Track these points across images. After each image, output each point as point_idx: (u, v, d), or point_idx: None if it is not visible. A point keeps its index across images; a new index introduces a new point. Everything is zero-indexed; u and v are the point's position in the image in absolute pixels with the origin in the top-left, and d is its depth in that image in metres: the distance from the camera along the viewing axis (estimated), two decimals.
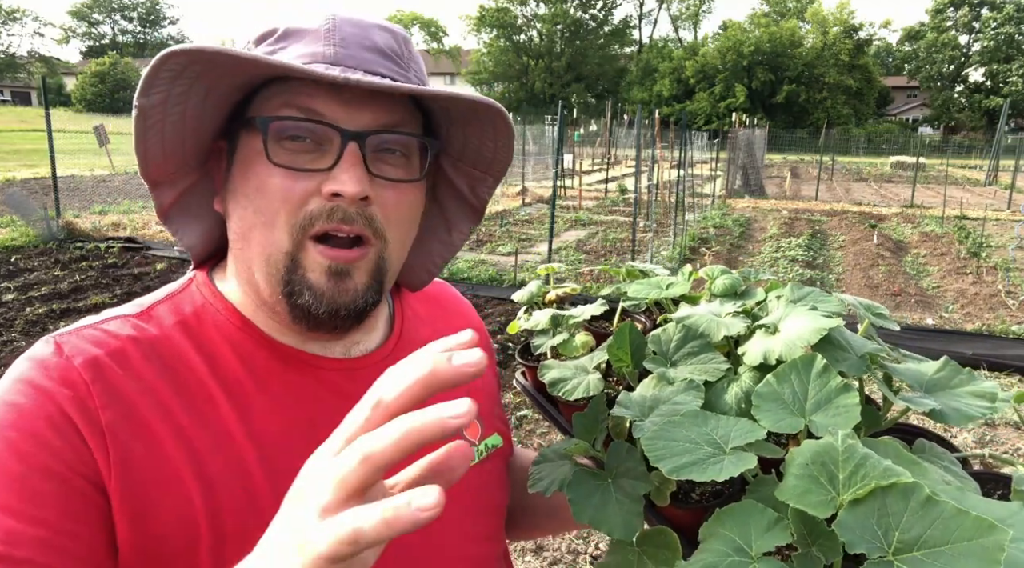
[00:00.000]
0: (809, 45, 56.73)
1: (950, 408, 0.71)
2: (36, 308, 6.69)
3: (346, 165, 0.70)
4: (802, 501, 0.57)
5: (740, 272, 0.99)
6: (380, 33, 0.75)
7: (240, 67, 0.67)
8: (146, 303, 0.78)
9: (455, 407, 0.46)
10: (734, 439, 0.67)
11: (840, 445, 0.59)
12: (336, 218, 0.70)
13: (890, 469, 0.56)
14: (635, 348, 0.85)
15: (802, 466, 0.59)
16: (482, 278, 8.47)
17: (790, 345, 0.73)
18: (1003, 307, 7.92)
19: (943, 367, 0.79)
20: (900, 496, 0.54)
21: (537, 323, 1.02)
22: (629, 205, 15.26)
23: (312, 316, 0.73)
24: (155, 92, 0.66)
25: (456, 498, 0.83)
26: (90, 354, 0.68)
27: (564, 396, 0.86)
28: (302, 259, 0.72)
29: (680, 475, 0.63)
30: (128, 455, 0.65)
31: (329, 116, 0.70)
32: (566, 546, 3.47)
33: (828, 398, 0.67)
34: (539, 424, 4.68)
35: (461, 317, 1.04)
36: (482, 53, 65.07)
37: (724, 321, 0.83)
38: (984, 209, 16.96)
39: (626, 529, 0.71)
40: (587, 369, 0.90)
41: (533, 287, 1.14)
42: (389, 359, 0.85)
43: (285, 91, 0.71)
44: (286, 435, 0.74)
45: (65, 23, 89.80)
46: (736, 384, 0.77)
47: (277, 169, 0.70)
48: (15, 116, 48.43)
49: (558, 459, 0.84)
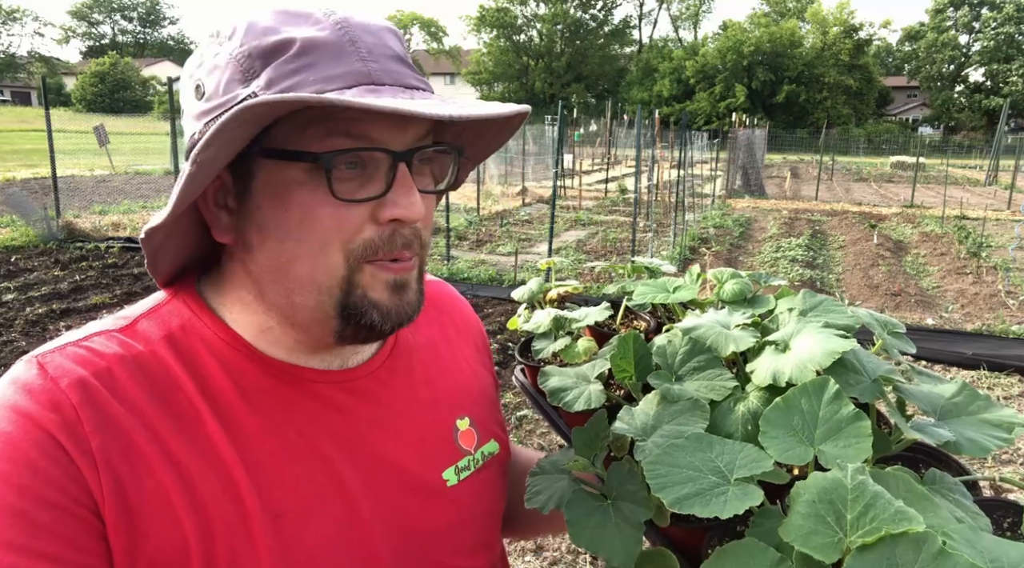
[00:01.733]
0: (809, 45, 56.71)
1: (965, 438, 0.68)
2: (36, 308, 6.69)
3: (403, 189, 0.68)
4: (808, 544, 0.54)
5: (750, 275, 0.94)
6: (391, 37, 0.72)
7: (305, 107, 0.61)
8: (130, 316, 0.74)
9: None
10: (740, 468, 0.64)
11: (850, 482, 0.56)
12: (398, 245, 0.70)
13: (901, 512, 0.53)
14: (639, 359, 0.83)
15: (808, 504, 0.56)
16: (482, 278, 8.47)
17: (801, 367, 0.70)
18: (1003, 307, 7.92)
19: (960, 391, 0.75)
20: (911, 546, 0.51)
21: (539, 325, 0.99)
22: (629, 205, 15.25)
23: (373, 332, 0.72)
24: (216, 143, 0.61)
25: (451, 511, 0.83)
26: (76, 375, 0.65)
27: (565, 407, 0.83)
28: (359, 280, 0.70)
29: (682, 508, 0.61)
30: (119, 480, 0.63)
31: (379, 140, 0.67)
32: (566, 546, 3.47)
33: (839, 426, 0.64)
34: (539, 424, 4.68)
35: (459, 317, 1.02)
36: (482, 53, 65.03)
37: (733, 334, 0.79)
38: (984, 209, 16.95)
39: (625, 557, 0.69)
40: (588, 378, 0.87)
41: (534, 284, 1.10)
42: (383, 368, 0.83)
43: (328, 118, 0.65)
44: (278, 453, 0.72)
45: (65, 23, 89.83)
46: (743, 404, 0.74)
47: (329, 200, 0.66)
48: (15, 116, 48.42)
49: (556, 472, 0.82)
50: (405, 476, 0.79)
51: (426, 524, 0.80)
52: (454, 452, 0.85)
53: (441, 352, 0.93)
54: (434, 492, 0.81)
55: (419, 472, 0.81)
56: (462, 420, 0.88)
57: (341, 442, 0.76)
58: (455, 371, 0.93)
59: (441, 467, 0.83)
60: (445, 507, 0.82)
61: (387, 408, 0.81)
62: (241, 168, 0.69)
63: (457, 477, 0.84)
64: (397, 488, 0.78)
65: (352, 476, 0.75)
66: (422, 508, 0.80)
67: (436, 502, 0.81)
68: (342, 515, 0.73)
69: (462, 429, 0.88)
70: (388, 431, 0.80)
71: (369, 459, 0.77)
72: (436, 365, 0.91)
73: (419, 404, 0.85)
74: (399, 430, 0.81)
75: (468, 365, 0.96)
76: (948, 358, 5.90)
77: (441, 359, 0.92)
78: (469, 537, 0.84)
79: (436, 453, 0.83)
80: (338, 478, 0.74)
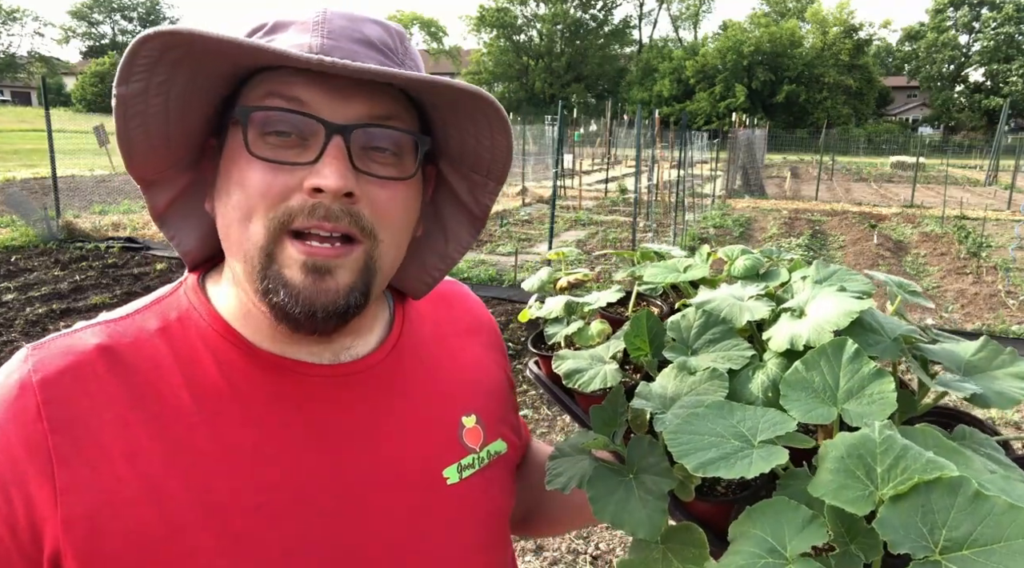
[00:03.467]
0: (809, 45, 56.70)
1: (992, 391, 0.67)
2: (36, 308, 6.69)
3: (329, 158, 0.67)
4: (839, 497, 0.53)
5: (762, 251, 0.93)
6: (372, 26, 0.72)
7: (216, 51, 0.64)
8: (133, 308, 0.77)
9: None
10: (762, 432, 0.63)
11: (877, 436, 0.55)
12: (318, 215, 0.67)
13: (933, 461, 0.52)
14: (653, 336, 0.82)
15: (837, 460, 0.55)
16: (482, 278, 8.47)
17: (818, 329, 0.69)
18: (1003, 307, 7.92)
19: (982, 347, 0.74)
20: (946, 491, 0.50)
21: (550, 311, 0.97)
22: (629, 205, 15.25)
23: (288, 316, 0.70)
24: (135, 80, 0.64)
25: (449, 509, 0.82)
26: (51, 369, 0.68)
27: (580, 388, 0.83)
28: (277, 254, 0.68)
29: (707, 472, 0.60)
30: (75, 481, 0.65)
31: (313, 106, 0.68)
32: (566, 546, 3.47)
33: (861, 385, 0.63)
34: (541, 423, 4.68)
35: (471, 316, 1.00)
36: (482, 53, 65.04)
37: (747, 305, 0.78)
38: (984, 209, 16.95)
39: (650, 528, 0.68)
40: (603, 359, 0.86)
41: (544, 273, 1.09)
42: (380, 366, 0.82)
43: (268, 81, 0.69)
44: (261, 446, 0.72)
45: (65, 23, 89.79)
46: (762, 372, 0.73)
47: (257, 162, 0.68)
48: (15, 116, 48.39)
49: (575, 454, 0.81)
50: (401, 472, 0.79)
51: (422, 521, 0.79)
52: (457, 449, 0.85)
53: (449, 348, 0.92)
54: (431, 489, 0.81)
55: (416, 468, 0.80)
56: (468, 417, 0.88)
57: (330, 436, 0.76)
58: (464, 369, 0.92)
59: (442, 464, 0.82)
60: (443, 504, 0.81)
61: (385, 404, 0.81)
62: (222, 136, 0.74)
63: (459, 475, 0.83)
64: (391, 484, 0.78)
65: (341, 470, 0.75)
66: (417, 504, 0.79)
67: (433, 499, 0.81)
68: (328, 508, 0.73)
69: (468, 426, 0.87)
70: (384, 427, 0.79)
71: (361, 454, 0.77)
72: (444, 362, 0.90)
73: (422, 401, 0.84)
74: (397, 426, 0.80)
75: (479, 363, 0.95)
76: None
77: (449, 356, 0.92)
78: (469, 536, 0.84)
79: (437, 450, 0.83)
80: (324, 471, 0.74)
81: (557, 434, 4.59)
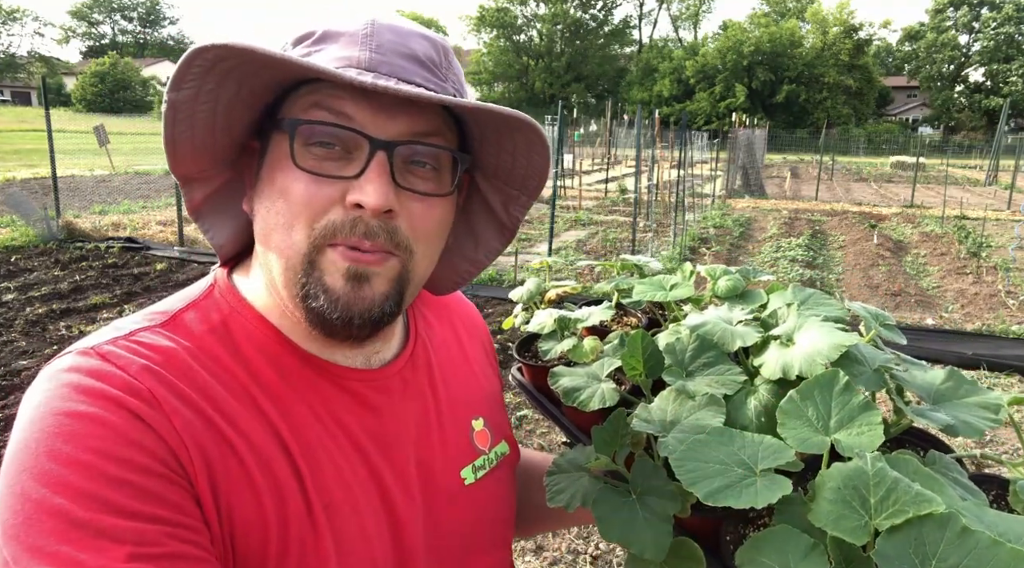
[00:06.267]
0: (809, 45, 56.72)
1: (960, 421, 0.73)
2: (36, 308, 6.69)
3: (372, 175, 0.68)
4: (838, 528, 0.58)
5: (739, 270, 0.98)
6: (419, 41, 0.73)
7: (269, 66, 0.65)
8: (170, 311, 0.74)
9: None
10: (763, 460, 0.67)
11: (870, 469, 0.60)
12: (359, 232, 0.68)
13: (920, 495, 0.57)
14: (647, 356, 0.85)
15: (834, 490, 0.60)
16: (482, 278, 8.47)
17: (810, 361, 0.74)
18: (1003, 307, 7.92)
19: (948, 378, 0.80)
20: (936, 526, 0.55)
21: (543, 326, 1.00)
22: (629, 205, 15.26)
23: (326, 321, 0.71)
24: (186, 87, 0.65)
25: (469, 509, 0.84)
26: (138, 363, 0.65)
27: (580, 406, 0.85)
28: (319, 261, 0.69)
29: (716, 501, 0.63)
30: (206, 457, 0.64)
31: (358, 122, 0.69)
32: (566, 546, 3.47)
33: (851, 416, 0.68)
34: (539, 424, 4.68)
35: (468, 319, 1.03)
36: (482, 53, 65.07)
37: (738, 331, 0.84)
38: (984, 209, 16.96)
39: (656, 549, 0.71)
40: (599, 377, 0.89)
41: (531, 285, 1.11)
42: (406, 370, 0.84)
43: (315, 93, 0.70)
44: (325, 442, 0.73)
45: (65, 23, 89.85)
46: (754, 397, 0.77)
47: (302, 173, 0.69)
48: (15, 116, 48.42)
49: (574, 470, 0.84)
50: (431, 475, 0.81)
51: (449, 522, 0.81)
52: (471, 452, 0.87)
53: (455, 353, 0.95)
54: (455, 491, 0.83)
55: (442, 471, 0.82)
56: (477, 420, 0.90)
57: (374, 438, 0.77)
58: (468, 372, 0.94)
59: (460, 466, 0.84)
60: (464, 505, 0.83)
61: (412, 408, 0.83)
62: (264, 140, 0.74)
63: (474, 476, 0.85)
64: (424, 486, 0.80)
65: (386, 472, 0.77)
66: (446, 506, 0.81)
67: (457, 500, 0.83)
68: (380, 510, 0.75)
69: (477, 429, 0.89)
70: (413, 430, 0.81)
71: (399, 457, 0.78)
72: (452, 366, 0.92)
73: (440, 404, 0.86)
74: (423, 429, 0.82)
75: (479, 367, 0.97)
76: (948, 358, 5.89)
77: (455, 360, 0.94)
78: (485, 536, 0.86)
79: (456, 452, 0.85)
80: (375, 473, 0.76)
81: (557, 434, 4.60)
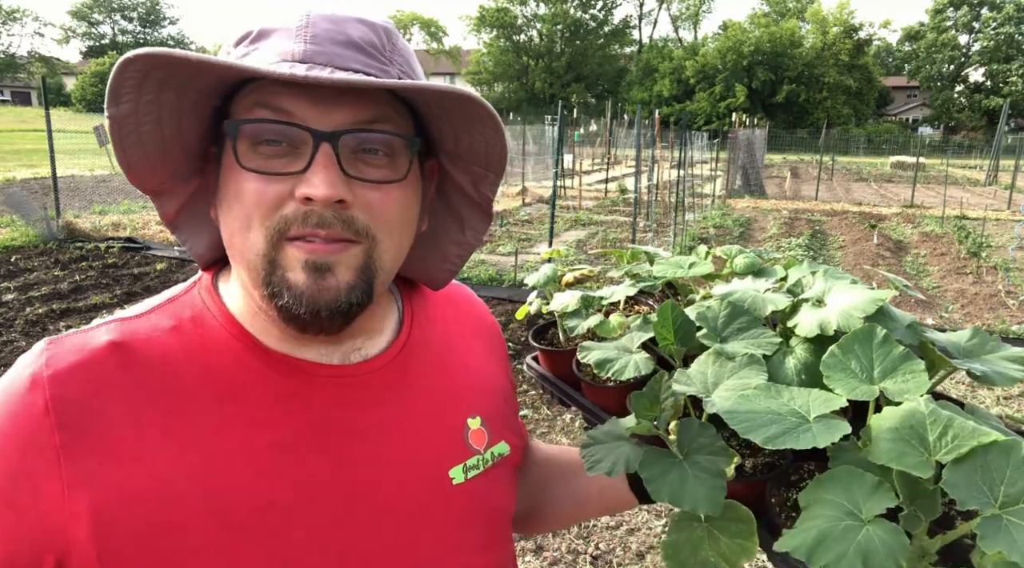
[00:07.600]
0: (809, 45, 56.71)
1: (993, 372, 0.76)
2: (36, 308, 6.69)
3: (318, 168, 0.68)
4: (902, 463, 0.60)
5: (754, 251, 1.01)
6: (356, 26, 0.71)
7: (200, 70, 0.64)
8: (148, 306, 0.78)
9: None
10: (815, 408, 0.69)
11: (925, 409, 0.62)
12: (311, 223, 0.68)
13: (978, 429, 0.59)
14: (678, 326, 0.86)
15: (892, 430, 0.62)
16: (482, 278, 8.47)
17: (847, 316, 0.77)
18: (1003, 307, 7.92)
19: (973, 336, 0.84)
20: (1000, 453, 0.58)
21: (565, 305, 1.02)
22: (629, 205, 15.26)
23: (295, 317, 0.71)
24: (123, 101, 0.65)
25: (457, 508, 0.83)
26: (63, 365, 0.68)
27: (614, 376, 0.87)
28: (280, 259, 0.70)
29: (775, 445, 0.65)
30: (82, 476, 0.65)
31: (299, 116, 0.68)
32: (566, 546, 3.47)
33: (894, 366, 0.71)
34: (539, 424, 4.68)
35: (475, 318, 1.02)
36: (482, 53, 65.05)
37: (769, 297, 0.87)
38: (984, 209, 16.96)
39: (711, 504, 0.71)
40: (629, 349, 0.91)
41: (547, 270, 1.13)
42: (389, 366, 0.83)
43: (256, 91, 0.69)
44: (274, 445, 0.72)
45: (65, 23, 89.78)
46: (792, 357, 0.80)
47: (250, 173, 0.69)
48: (15, 116, 48.43)
49: (611, 440, 0.84)
50: (408, 472, 0.80)
51: (432, 520, 0.80)
52: (463, 450, 0.86)
53: (456, 350, 0.93)
54: (438, 489, 0.82)
55: (425, 469, 0.81)
56: (473, 419, 0.89)
57: (339, 436, 0.76)
58: (469, 370, 0.93)
59: (448, 464, 0.83)
60: (451, 504, 0.82)
61: (395, 405, 0.81)
62: (219, 146, 0.74)
63: (464, 475, 0.84)
64: (399, 483, 0.79)
65: (353, 470, 0.76)
66: (424, 504, 0.80)
67: (442, 499, 0.82)
68: (336, 507, 0.74)
69: (473, 428, 0.88)
70: (394, 428, 0.80)
71: (369, 454, 0.77)
72: (450, 363, 0.91)
73: (430, 401, 0.85)
74: (407, 427, 0.81)
75: (483, 365, 0.96)
76: None
77: (455, 357, 0.92)
78: (478, 535, 0.85)
79: (444, 450, 0.84)
80: (336, 472, 0.75)
81: (557, 434, 4.59)
